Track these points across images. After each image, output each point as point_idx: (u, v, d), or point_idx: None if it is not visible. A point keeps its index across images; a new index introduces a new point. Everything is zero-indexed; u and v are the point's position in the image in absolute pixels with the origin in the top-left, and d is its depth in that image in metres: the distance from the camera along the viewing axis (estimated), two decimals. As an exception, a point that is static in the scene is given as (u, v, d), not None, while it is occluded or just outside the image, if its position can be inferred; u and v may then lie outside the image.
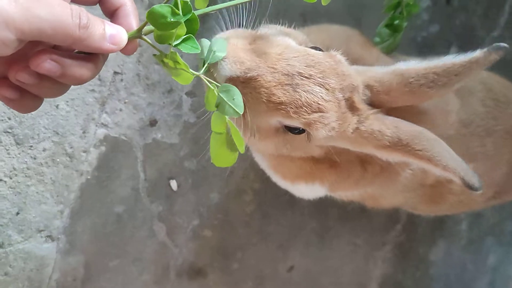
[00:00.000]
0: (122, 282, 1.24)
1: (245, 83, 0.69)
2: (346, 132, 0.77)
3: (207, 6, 0.62)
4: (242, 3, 0.67)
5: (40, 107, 0.57)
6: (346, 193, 1.10)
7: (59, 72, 0.51)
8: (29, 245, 1.11)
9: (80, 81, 0.54)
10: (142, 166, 1.21)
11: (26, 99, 0.54)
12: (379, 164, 0.91)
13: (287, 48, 0.72)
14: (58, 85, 0.54)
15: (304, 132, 0.76)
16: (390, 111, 0.81)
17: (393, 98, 0.79)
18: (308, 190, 0.99)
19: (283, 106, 0.70)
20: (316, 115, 0.72)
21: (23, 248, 1.11)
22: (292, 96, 0.70)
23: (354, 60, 0.84)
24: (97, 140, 1.15)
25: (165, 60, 0.57)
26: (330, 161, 0.90)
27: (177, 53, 0.57)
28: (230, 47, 0.69)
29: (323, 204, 1.42)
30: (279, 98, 0.70)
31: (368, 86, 0.79)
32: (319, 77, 0.71)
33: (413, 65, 0.79)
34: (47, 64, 0.50)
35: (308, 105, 0.71)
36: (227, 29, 0.75)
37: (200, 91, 1.25)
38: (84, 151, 1.14)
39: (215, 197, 1.32)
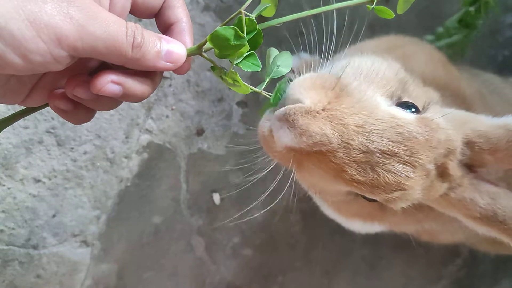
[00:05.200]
0: (155, 296, 1.19)
1: (309, 155, 0.58)
2: (431, 196, 0.66)
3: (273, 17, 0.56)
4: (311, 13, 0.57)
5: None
6: (401, 228, 0.99)
7: (121, 93, 0.50)
8: (63, 249, 1.08)
9: (141, 98, 0.52)
10: (185, 177, 1.15)
11: (80, 111, 0.53)
12: None
13: (370, 116, 0.59)
14: (115, 100, 0.53)
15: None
16: None
17: (498, 160, 0.65)
18: (363, 227, 0.89)
19: (355, 184, 0.59)
20: (396, 193, 0.61)
21: (57, 251, 1.07)
22: (369, 175, 0.59)
23: (438, 87, 0.72)
24: (140, 146, 1.10)
25: (224, 76, 0.54)
26: None
27: (237, 73, 0.53)
28: (303, 110, 0.57)
29: (376, 231, 1.30)
30: (351, 176, 0.58)
31: (469, 143, 0.66)
32: (406, 155, 0.59)
33: None
34: (109, 88, 0.49)
35: (387, 185, 0.59)
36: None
37: (252, 102, 1.17)
38: (126, 157, 1.09)
39: (259, 215, 1.23)
